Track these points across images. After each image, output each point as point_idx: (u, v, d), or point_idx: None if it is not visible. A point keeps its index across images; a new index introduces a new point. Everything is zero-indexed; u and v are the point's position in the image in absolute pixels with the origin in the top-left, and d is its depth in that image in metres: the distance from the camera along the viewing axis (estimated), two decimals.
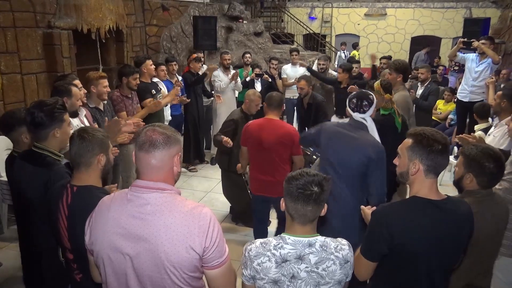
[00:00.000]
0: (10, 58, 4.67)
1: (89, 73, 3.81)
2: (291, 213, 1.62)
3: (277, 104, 3.41)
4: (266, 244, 1.62)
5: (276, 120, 3.39)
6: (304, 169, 1.66)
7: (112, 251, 1.47)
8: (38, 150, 2.17)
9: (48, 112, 2.14)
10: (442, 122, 6.98)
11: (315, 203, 1.58)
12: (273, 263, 1.58)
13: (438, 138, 1.70)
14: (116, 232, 1.46)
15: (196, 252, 1.42)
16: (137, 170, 1.51)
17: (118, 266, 1.47)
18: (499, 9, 11.84)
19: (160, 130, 1.49)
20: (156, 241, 1.41)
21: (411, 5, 13.24)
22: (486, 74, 5.54)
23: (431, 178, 1.73)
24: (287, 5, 14.15)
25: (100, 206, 1.56)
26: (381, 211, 1.77)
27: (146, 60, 4.72)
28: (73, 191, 1.81)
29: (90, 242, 1.54)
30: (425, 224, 1.68)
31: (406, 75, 3.90)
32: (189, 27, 8.46)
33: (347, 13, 13.78)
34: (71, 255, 1.86)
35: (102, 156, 1.85)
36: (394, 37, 13.57)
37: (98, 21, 5.65)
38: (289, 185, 1.61)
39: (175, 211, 1.43)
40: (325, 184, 1.60)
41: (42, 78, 5.11)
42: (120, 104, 4.12)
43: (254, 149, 3.44)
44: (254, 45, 10.26)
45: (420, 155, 1.72)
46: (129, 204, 1.47)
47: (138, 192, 1.47)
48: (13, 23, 4.68)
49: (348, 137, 2.66)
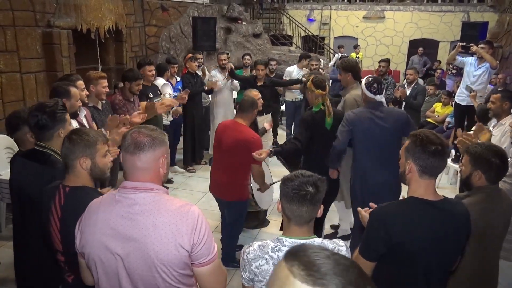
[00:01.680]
0: (10, 57, 4.67)
1: (89, 72, 3.82)
2: (288, 214, 1.63)
3: (245, 108, 3.39)
4: (264, 247, 1.62)
5: (240, 125, 3.37)
6: (299, 170, 1.67)
7: (102, 252, 1.48)
8: (41, 149, 2.19)
9: (51, 113, 2.17)
10: (439, 125, 7.01)
11: (310, 203, 1.58)
12: (271, 266, 1.58)
13: (433, 139, 1.72)
14: (105, 233, 1.47)
15: (185, 249, 1.44)
16: (124, 171, 1.53)
17: (109, 267, 1.49)
18: (496, 13, 11.90)
19: (145, 132, 1.50)
20: (145, 240, 1.42)
21: (409, 8, 13.30)
22: (484, 78, 5.59)
23: (426, 179, 1.74)
24: (286, 7, 14.17)
25: (89, 209, 1.57)
26: (379, 211, 1.79)
27: (146, 65, 4.72)
28: (65, 192, 1.80)
29: (80, 245, 1.55)
30: (422, 224, 1.70)
31: (355, 73, 3.93)
32: (188, 28, 8.46)
33: (345, 15, 13.83)
34: (62, 257, 1.85)
35: (85, 159, 1.81)
36: (392, 40, 13.62)
37: (98, 20, 5.66)
38: (284, 186, 1.62)
39: (163, 210, 1.45)
40: (320, 184, 1.61)
41: (41, 77, 5.11)
42: (123, 108, 4.14)
43: (215, 149, 3.53)
44: (253, 47, 10.27)
45: (413, 156, 1.74)
46: (118, 205, 1.48)
47: (126, 193, 1.49)
48: (12, 22, 4.67)
49: (381, 118, 3.14)
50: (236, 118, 3.48)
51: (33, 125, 2.19)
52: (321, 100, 3.38)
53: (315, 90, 3.37)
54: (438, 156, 1.70)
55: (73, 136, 1.83)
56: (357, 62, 4.25)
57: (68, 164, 1.82)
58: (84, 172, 1.83)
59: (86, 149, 1.81)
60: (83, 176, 1.83)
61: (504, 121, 3.55)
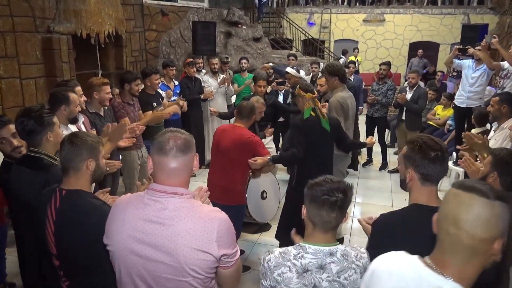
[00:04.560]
0: (9, 63, 4.68)
1: (92, 78, 3.82)
2: (314, 220, 1.60)
3: (245, 114, 3.43)
4: (286, 254, 1.60)
5: (238, 127, 3.41)
6: (326, 176, 1.65)
7: (128, 253, 1.48)
8: (34, 154, 2.19)
9: (37, 118, 2.18)
10: (440, 128, 6.99)
11: (339, 210, 1.57)
12: (294, 273, 1.56)
13: (432, 145, 1.67)
14: (132, 236, 1.47)
15: (213, 255, 1.44)
16: (154, 173, 1.52)
17: (133, 268, 1.49)
18: (497, 15, 11.90)
19: (179, 134, 1.51)
20: (174, 245, 1.42)
21: (409, 11, 13.30)
22: (482, 80, 5.58)
23: (428, 186, 1.69)
24: (286, 10, 14.20)
25: (116, 207, 1.57)
26: (383, 221, 1.75)
27: (153, 74, 4.67)
28: (61, 195, 1.80)
29: (106, 241, 1.57)
30: (427, 231, 1.67)
31: (340, 76, 3.93)
32: (188, 32, 8.48)
33: (345, 18, 13.84)
34: (57, 262, 1.85)
35: (91, 161, 1.83)
36: (393, 43, 13.62)
37: (97, 26, 5.66)
38: (312, 190, 1.60)
39: (193, 216, 1.45)
40: (349, 191, 1.60)
41: (41, 83, 5.11)
42: (122, 110, 4.12)
43: (213, 153, 3.51)
44: (253, 50, 10.29)
45: (413, 163, 1.69)
46: (146, 208, 1.48)
47: (156, 196, 1.48)
48: (12, 27, 4.68)
49: None
50: (235, 122, 3.50)
51: (20, 131, 2.20)
52: (312, 104, 3.35)
53: (305, 95, 3.36)
54: (439, 162, 1.65)
55: (75, 139, 1.83)
56: (341, 66, 4.24)
57: (70, 167, 1.81)
58: (87, 174, 1.84)
59: (92, 150, 1.84)
60: (84, 178, 1.84)
61: (506, 125, 3.52)
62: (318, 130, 3.32)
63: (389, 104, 6.38)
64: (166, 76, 5.76)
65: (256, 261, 3.81)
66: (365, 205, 5.28)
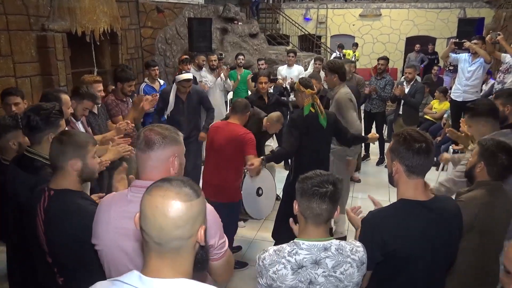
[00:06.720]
0: (4, 61, 4.65)
1: (84, 76, 3.79)
2: (305, 214, 1.61)
3: (239, 110, 3.44)
4: (280, 252, 1.60)
5: (232, 124, 3.42)
6: (316, 170, 1.66)
7: (115, 250, 1.48)
8: (29, 155, 2.18)
9: (44, 116, 2.16)
10: (437, 122, 7.00)
11: (330, 201, 1.57)
12: (289, 270, 1.56)
13: (416, 137, 1.68)
14: (118, 232, 1.47)
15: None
16: (137, 169, 1.53)
17: (121, 265, 1.49)
18: (493, 9, 11.90)
19: (157, 130, 1.49)
20: None
21: (406, 6, 13.30)
22: (479, 73, 5.59)
23: (414, 178, 1.70)
24: (282, 6, 14.17)
25: (100, 207, 1.57)
26: (372, 218, 1.76)
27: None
28: (49, 195, 1.78)
29: (94, 241, 1.56)
30: (417, 226, 1.68)
31: (341, 74, 3.92)
32: (184, 29, 8.45)
33: (342, 14, 13.83)
34: (50, 259, 1.85)
35: (76, 160, 1.79)
36: (389, 38, 13.62)
37: (93, 23, 5.63)
38: (303, 184, 1.61)
39: None
40: (338, 183, 1.60)
41: (36, 81, 5.08)
42: (115, 108, 4.10)
43: (208, 150, 3.52)
44: (250, 47, 10.26)
45: (398, 155, 1.71)
46: (130, 204, 1.47)
47: (139, 192, 1.46)
48: (6, 26, 4.65)
49: None
50: (229, 119, 3.49)
51: (24, 125, 2.19)
52: (311, 100, 3.35)
53: (304, 90, 3.36)
54: (423, 154, 1.66)
55: (63, 137, 1.81)
56: (343, 64, 4.21)
57: (57, 166, 1.80)
58: (73, 174, 1.80)
59: (77, 150, 1.79)
60: (71, 178, 1.81)
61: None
62: (316, 126, 3.34)
63: (387, 98, 6.38)
64: (149, 77, 5.72)
65: (254, 258, 3.81)
66: (362, 199, 5.29)
